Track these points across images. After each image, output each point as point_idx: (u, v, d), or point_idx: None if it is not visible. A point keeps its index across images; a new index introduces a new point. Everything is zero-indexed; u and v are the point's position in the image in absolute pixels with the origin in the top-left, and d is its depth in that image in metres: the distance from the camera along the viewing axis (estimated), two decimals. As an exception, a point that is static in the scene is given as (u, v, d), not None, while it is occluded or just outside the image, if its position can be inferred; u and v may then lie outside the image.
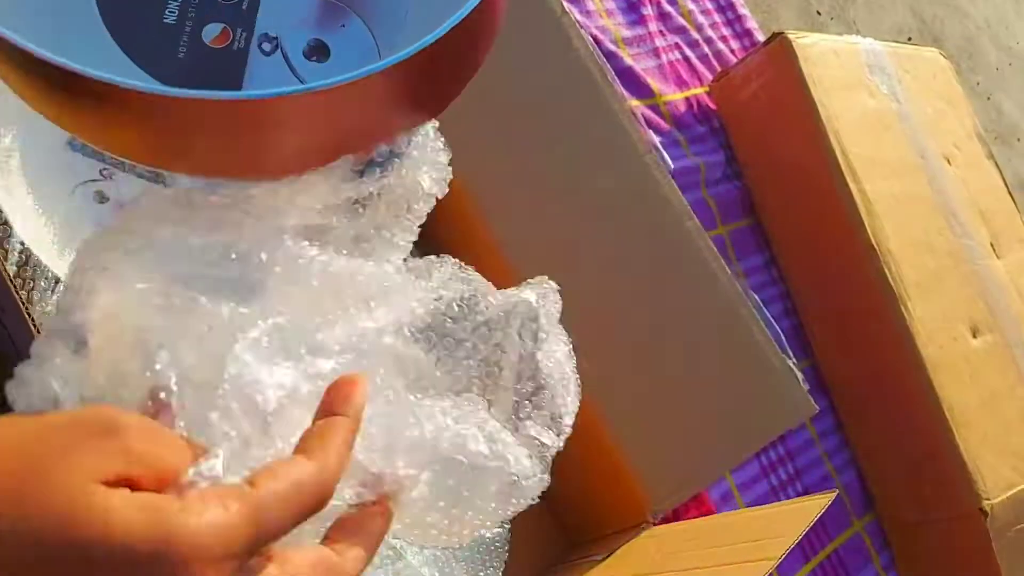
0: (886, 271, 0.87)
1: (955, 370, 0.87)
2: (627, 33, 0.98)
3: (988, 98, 1.64)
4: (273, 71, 0.33)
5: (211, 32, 0.32)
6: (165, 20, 0.32)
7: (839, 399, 0.95)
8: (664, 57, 1.00)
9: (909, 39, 1.57)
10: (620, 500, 0.66)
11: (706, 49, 1.05)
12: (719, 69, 1.04)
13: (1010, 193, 1.07)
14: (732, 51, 1.08)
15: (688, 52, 1.03)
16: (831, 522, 0.90)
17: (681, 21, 1.05)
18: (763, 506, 0.65)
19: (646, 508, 0.64)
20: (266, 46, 0.33)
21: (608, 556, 0.64)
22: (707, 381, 0.69)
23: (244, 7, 0.32)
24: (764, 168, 0.95)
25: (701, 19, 1.07)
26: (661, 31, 1.02)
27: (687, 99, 0.99)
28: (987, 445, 0.85)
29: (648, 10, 1.02)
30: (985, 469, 0.84)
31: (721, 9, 1.10)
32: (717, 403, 0.68)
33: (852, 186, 0.89)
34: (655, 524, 0.65)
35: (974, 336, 0.91)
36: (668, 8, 1.04)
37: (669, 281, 0.69)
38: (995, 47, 1.72)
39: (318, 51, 0.33)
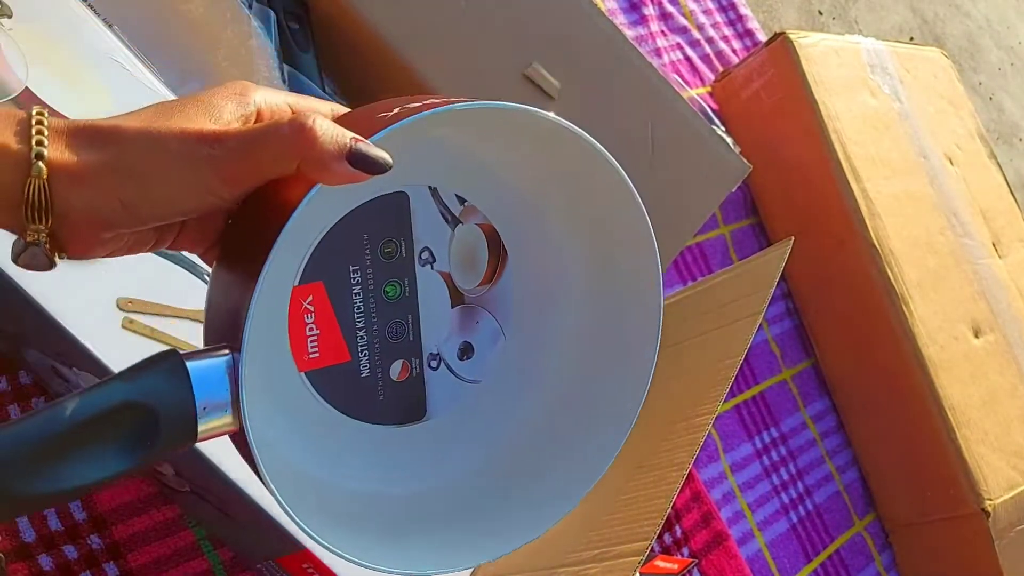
0: (887, 270, 0.87)
1: (956, 369, 0.87)
2: (629, 33, 0.98)
3: (990, 98, 1.64)
4: (442, 382, 0.41)
5: (395, 370, 0.40)
6: (362, 375, 0.39)
7: (840, 399, 0.95)
8: (666, 57, 1.00)
9: (911, 39, 1.56)
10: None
11: (707, 49, 1.05)
12: (721, 69, 1.04)
13: (1012, 193, 1.07)
14: (734, 51, 1.08)
15: (690, 52, 1.03)
16: (832, 522, 0.90)
17: (683, 21, 1.05)
18: (724, 269, 0.69)
19: None
20: (433, 363, 0.41)
21: None
22: (652, 165, 0.73)
23: (411, 338, 0.41)
24: (766, 168, 0.95)
25: (703, 19, 1.07)
26: (663, 31, 1.02)
27: (689, 99, 0.99)
28: (988, 445, 0.85)
29: (650, 10, 1.02)
30: (987, 469, 0.83)
31: (723, 9, 1.10)
32: (665, 182, 0.74)
33: (853, 185, 0.89)
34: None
35: (975, 336, 0.91)
36: (670, 8, 1.04)
37: (598, 80, 0.73)
38: (997, 47, 1.71)
39: (466, 351, 0.42)
